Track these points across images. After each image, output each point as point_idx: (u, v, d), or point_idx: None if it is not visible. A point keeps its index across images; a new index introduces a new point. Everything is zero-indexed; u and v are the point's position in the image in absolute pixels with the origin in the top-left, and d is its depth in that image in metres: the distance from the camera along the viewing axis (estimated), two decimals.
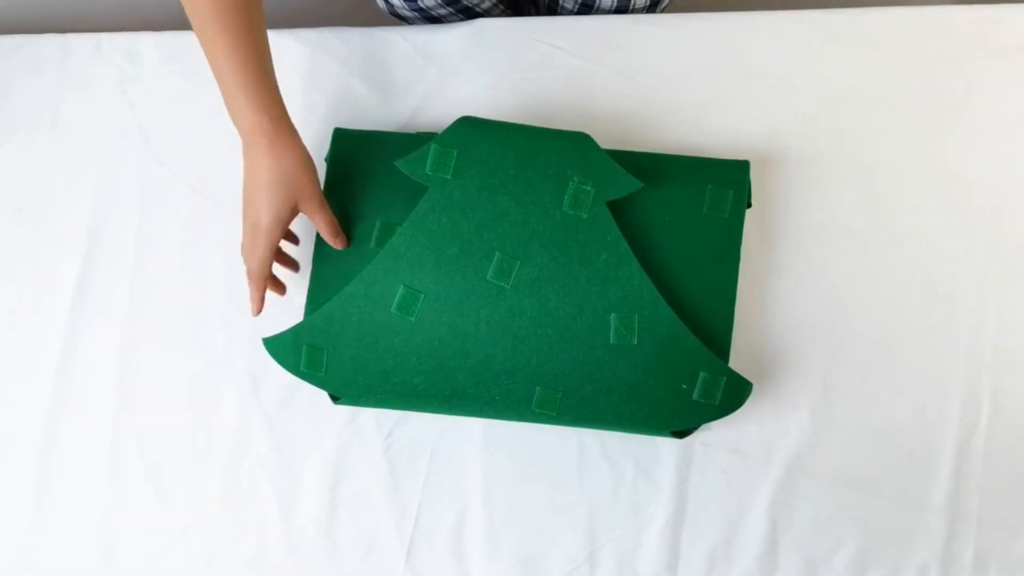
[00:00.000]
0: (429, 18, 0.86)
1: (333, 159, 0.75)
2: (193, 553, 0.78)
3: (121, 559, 0.78)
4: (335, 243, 0.72)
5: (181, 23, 0.88)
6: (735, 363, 0.72)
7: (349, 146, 0.75)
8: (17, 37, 0.89)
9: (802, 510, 0.73)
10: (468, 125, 0.71)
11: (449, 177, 0.70)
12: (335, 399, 0.74)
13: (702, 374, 0.69)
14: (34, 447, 0.80)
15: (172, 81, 0.85)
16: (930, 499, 0.72)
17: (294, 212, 0.68)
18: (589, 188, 0.69)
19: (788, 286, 0.75)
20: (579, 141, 0.70)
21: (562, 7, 0.87)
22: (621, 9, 0.83)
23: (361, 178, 0.74)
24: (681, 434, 0.72)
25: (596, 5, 0.83)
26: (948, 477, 0.72)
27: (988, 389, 0.73)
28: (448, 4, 0.83)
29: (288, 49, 0.83)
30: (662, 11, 0.87)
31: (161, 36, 0.86)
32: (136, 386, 0.80)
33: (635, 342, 0.69)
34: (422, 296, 0.70)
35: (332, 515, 0.77)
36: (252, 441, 0.78)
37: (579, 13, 0.85)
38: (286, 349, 0.72)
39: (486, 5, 0.86)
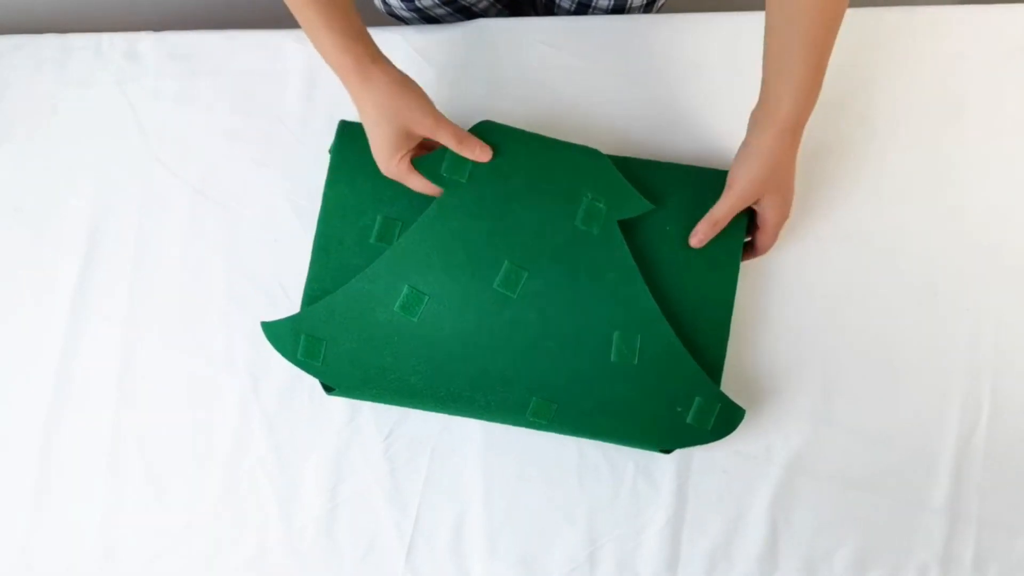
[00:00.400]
0: (427, 18, 0.86)
1: (337, 151, 0.75)
2: (193, 553, 0.78)
3: (121, 559, 0.78)
4: (469, 153, 0.69)
5: (181, 23, 0.88)
6: (735, 366, 0.72)
7: (353, 139, 0.75)
8: (17, 37, 0.89)
9: (802, 510, 0.73)
10: (487, 130, 0.70)
11: (464, 181, 0.70)
12: (328, 389, 0.74)
13: (698, 399, 0.69)
14: (34, 447, 0.80)
15: (172, 81, 0.85)
16: (930, 499, 0.72)
17: (411, 138, 0.68)
18: (602, 206, 0.69)
19: (788, 288, 0.75)
20: (593, 158, 0.70)
21: (559, 6, 0.87)
22: (618, 9, 0.83)
23: (364, 172, 0.74)
24: (669, 450, 0.72)
25: (593, 4, 0.83)
26: (948, 477, 0.72)
27: (988, 389, 0.73)
28: (446, 4, 0.83)
29: (288, 49, 0.83)
30: (657, 11, 0.88)
31: (161, 36, 0.86)
32: (136, 386, 0.80)
33: (635, 362, 0.69)
34: (426, 298, 0.70)
35: (332, 515, 0.77)
36: (252, 441, 0.78)
37: (576, 13, 0.85)
38: (284, 336, 0.72)
39: (483, 4, 0.86)
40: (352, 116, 0.81)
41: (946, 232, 0.75)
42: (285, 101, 0.83)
